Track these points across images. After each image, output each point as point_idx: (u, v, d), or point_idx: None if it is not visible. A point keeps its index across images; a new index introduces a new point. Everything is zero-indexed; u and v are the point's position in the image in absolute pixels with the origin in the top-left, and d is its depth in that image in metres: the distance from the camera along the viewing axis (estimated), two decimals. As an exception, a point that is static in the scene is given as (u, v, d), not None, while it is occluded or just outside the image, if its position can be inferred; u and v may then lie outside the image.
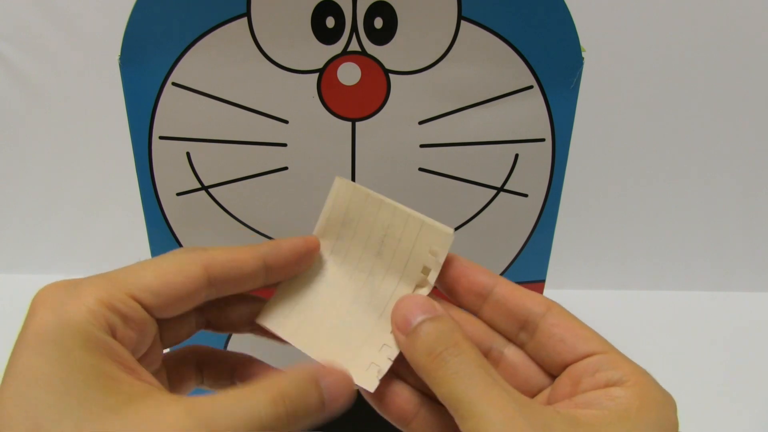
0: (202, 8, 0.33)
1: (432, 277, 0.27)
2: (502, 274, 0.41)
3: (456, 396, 0.22)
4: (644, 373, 0.24)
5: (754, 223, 0.69)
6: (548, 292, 0.43)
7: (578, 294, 0.71)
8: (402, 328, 0.25)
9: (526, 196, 0.39)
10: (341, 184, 0.29)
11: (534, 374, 0.26)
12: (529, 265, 0.41)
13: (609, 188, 0.67)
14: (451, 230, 0.27)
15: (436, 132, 0.36)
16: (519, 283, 0.27)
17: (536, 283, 0.42)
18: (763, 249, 0.70)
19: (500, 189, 0.39)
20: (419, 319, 0.25)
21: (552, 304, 0.26)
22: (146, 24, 0.33)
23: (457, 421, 0.22)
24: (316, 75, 0.35)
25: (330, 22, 0.33)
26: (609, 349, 0.24)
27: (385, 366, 0.26)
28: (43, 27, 0.58)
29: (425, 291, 0.27)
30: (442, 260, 0.27)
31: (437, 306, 0.26)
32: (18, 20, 0.58)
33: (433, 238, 0.27)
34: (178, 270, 0.24)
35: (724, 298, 0.71)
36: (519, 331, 0.26)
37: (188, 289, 0.24)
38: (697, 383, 0.59)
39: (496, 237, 0.40)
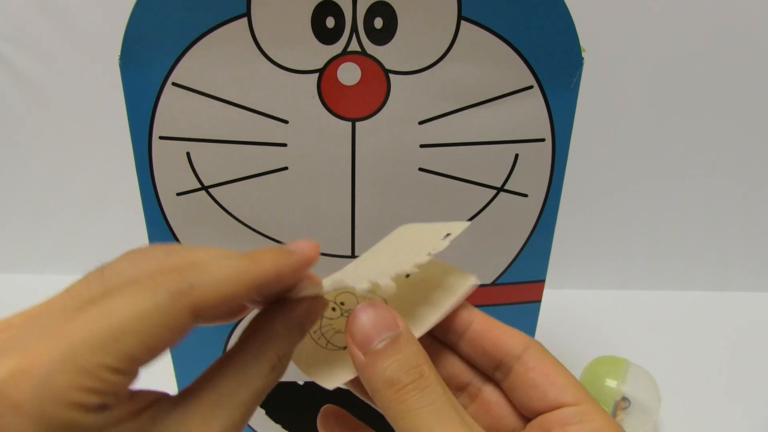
0: (202, 8, 0.33)
1: (443, 245, 0.25)
2: (502, 274, 0.41)
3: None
4: (617, 428, 0.23)
5: (754, 223, 0.69)
6: (548, 292, 0.43)
7: (578, 294, 0.71)
8: (361, 345, 0.23)
9: (526, 196, 0.39)
10: None
11: (507, 415, 0.25)
12: (529, 265, 0.41)
13: (609, 188, 0.67)
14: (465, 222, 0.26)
15: (436, 132, 0.36)
16: (519, 283, 0.27)
17: (536, 283, 0.42)
18: (763, 249, 0.70)
19: (500, 189, 0.39)
20: (382, 337, 0.22)
21: (530, 344, 0.25)
22: (146, 24, 0.33)
23: None
24: (316, 75, 0.35)
25: (330, 22, 0.33)
26: (582, 399, 0.23)
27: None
28: (43, 27, 0.58)
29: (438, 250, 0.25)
30: (455, 234, 0.26)
31: (401, 322, 0.23)
32: (18, 20, 0.58)
33: (446, 228, 0.27)
34: (162, 323, 0.18)
35: (724, 298, 0.71)
36: (494, 370, 0.25)
37: (174, 341, 0.19)
38: (697, 383, 0.59)
39: (496, 237, 0.40)
